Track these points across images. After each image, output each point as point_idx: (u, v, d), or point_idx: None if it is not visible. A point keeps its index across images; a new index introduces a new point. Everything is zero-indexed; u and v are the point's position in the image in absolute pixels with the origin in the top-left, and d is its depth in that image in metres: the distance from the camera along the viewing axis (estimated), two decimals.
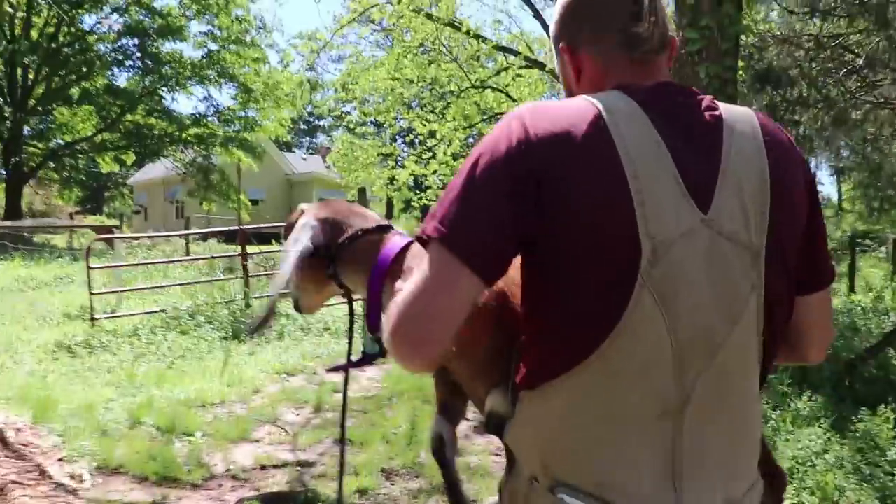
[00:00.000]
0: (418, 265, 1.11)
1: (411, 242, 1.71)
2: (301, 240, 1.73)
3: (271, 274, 10.61)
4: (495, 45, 22.31)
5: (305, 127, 58.19)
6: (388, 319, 1.09)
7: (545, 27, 23.42)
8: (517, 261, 1.15)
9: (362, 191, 10.03)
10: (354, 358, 2.18)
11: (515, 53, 23.28)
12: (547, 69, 22.98)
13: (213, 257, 11.68)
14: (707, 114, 1.16)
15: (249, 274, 9.98)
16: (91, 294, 9.04)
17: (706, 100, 1.18)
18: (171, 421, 5.41)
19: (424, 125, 23.92)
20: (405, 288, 1.10)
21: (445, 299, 1.07)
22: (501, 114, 25.00)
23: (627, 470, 1.09)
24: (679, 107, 1.16)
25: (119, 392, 6.27)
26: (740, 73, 7.67)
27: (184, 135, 24.64)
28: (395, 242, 1.70)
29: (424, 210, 44.12)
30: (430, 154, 24.66)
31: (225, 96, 72.59)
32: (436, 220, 1.10)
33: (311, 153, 47.99)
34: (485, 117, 24.95)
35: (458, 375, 1.54)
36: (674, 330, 1.06)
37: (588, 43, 1.25)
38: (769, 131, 1.19)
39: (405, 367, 1.16)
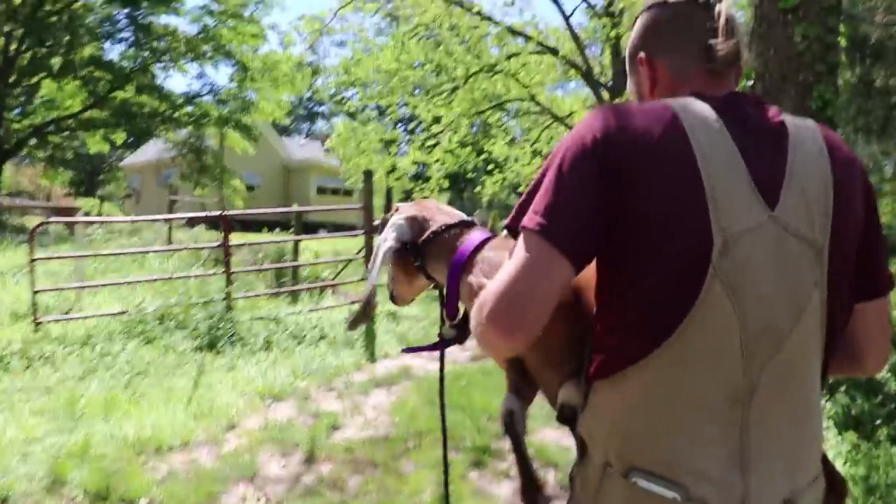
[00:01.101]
0: (512, 254, 1.17)
1: (489, 238, 1.66)
2: (388, 237, 1.82)
3: (263, 270, 9.01)
4: (507, 27, 20.82)
5: (304, 112, 56.35)
6: (482, 305, 1.16)
7: (561, 11, 22.02)
8: None
9: (368, 174, 8.28)
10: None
11: (527, 38, 21.83)
12: (560, 55, 21.72)
13: (188, 248, 9.86)
14: (774, 121, 1.22)
15: (232, 270, 8.37)
16: (34, 291, 7.39)
17: (773, 109, 1.25)
18: (107, 479, 3.85)
19: (429, 111, 22.45)
20: (501, 274, 1.16)
21: (544, 283, 1.12)
22: (510, 101, 23.64)
23: (698, 455, 1.12)
24: (749, 113, 1.22)
25: (51, 426, 4.72)
26: (841, 37, 6.05)
27: (176, 114, 22.90)
28: (473, 237, 1.69)
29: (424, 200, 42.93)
30: (435, 142, 23.24)
31: (221, 75, 69.94)
32: (533, 213, 1.15)
33: (310, 139, 46.22)
34: (493, 104, 23.50)
35: (532, 365, 1.47)
36: (742, 319, 1.10)
37: (667, 54, 1.33)
38: (831, 141, 1.25)
39: (496, 349, 1.26)
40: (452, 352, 6.67)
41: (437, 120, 22.68)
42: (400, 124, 28.00)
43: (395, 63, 21.72)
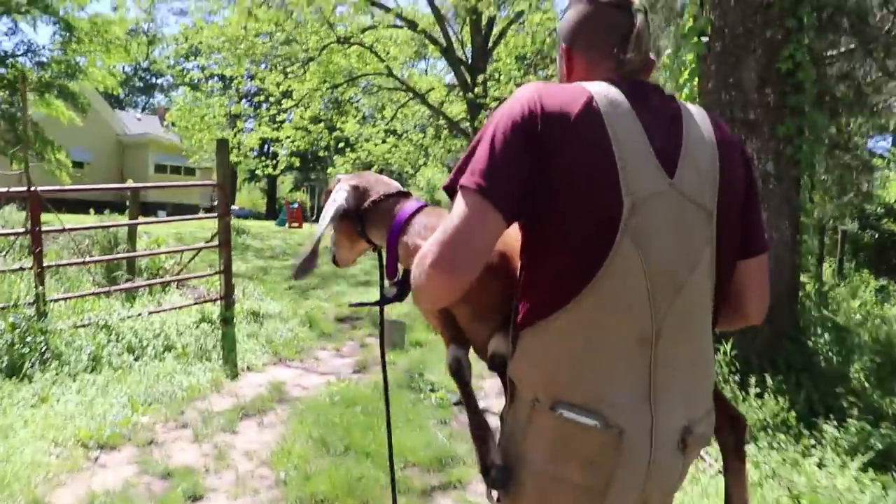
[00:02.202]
0: (451, 211, 1.30)
1: (423, 206, 1.86)
2: (337, 200, 1.97)
3: (88, 262, 7.07)
4: None
5: (141, 85, 51.82)
6: (424, 255, 1.29)
7: None
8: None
9: (223, 144, 6.49)
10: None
11: (386, 9, 20.40)
12: (419, 29, 20.41)
13: None
14: (670, 105, 1.40)
15: (46, 263, 6.24)
16: None
17: (669, 95, 1.42)
18: None
19: (278, 85, 20.52)
20: (442, 228, 1.29)
21: (481, 232, 1.26)
22: (365, 76, 22.06)
23: (615, 389, 1.26)
24: (650, 97, 1.38)
25: None
26: None
27: None
28: (409, 205, 1.87)
29: (270, 180, 40.40)
30: (284, 117, 21.33)
31: (41, 36, 62.65)
32: (470, 175, 1.29)
33: (147, 113, 42.51)
34: (347, 79, 21.86)
35: (463, 320, 1.61)
36: (647, 269, 1.26)
37: (584, 52, 1.47)
38: (717, 123, 1.44)
39: (436, 295, 1.33)
40: (333, 364, 5.57)
41: (287, 94, 20.88)
42: (245, 101, 25.79)
43: (241, 31, 19.65)
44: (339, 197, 1.96)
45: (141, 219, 8.18)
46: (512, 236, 1.40)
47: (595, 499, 1.28)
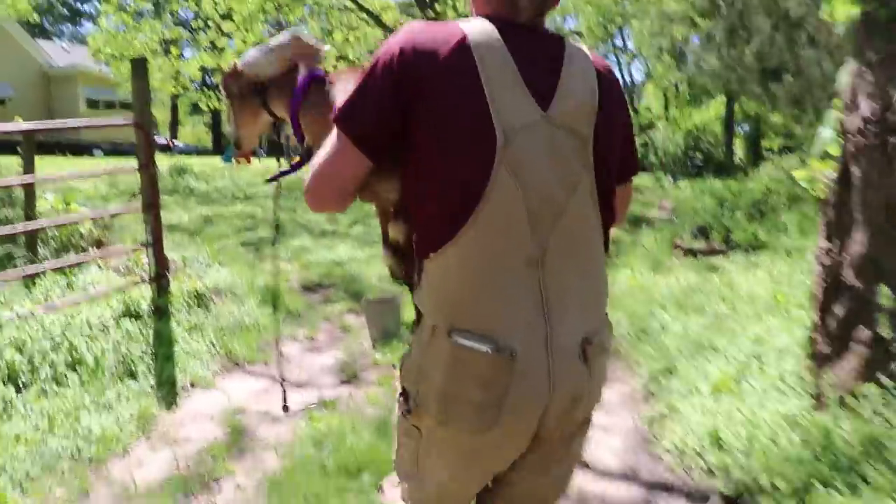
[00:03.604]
0: (329, 138, 1.41)
1: (317, 76, 2.01)
2: (281, 40, 2.05)
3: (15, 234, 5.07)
4: None
5: (67, 13, 47.54)
6: (308, 178, 1.44)
7: None
8: None
9: (139, 65, 4.33)
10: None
11: None
12: None
13: None
14: (552, 44, 1.43)
15: None
16: None
17: (553, 35, 1.45)
18: None
19: (216, 5, 17.99)
20: (317, 156, 1.43)
21: (342, 171, 1.40)
22: None
23: (507, 311, 1.33)
24: (531, 38, 1.41)
25: None
26: None
27: None
28: (302, 76, 1.97)
29: (215, 113, 37.48)
30: (225, 41, 18.84)
31: None
32: (339, 108, 1.39)
33: (76, 44, 38.82)
34: None
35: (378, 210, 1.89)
36: (526, 196, 1.32)
37: None
38: (597, 62, 1.48)
39: (317, 211, 1.53)
40: (310, 367, 4.56)
41: (227, 17, 18.36)
42: (184, 26, 23.10)
43: None
44: (283, 38, 2.08)
45: (40, 175, 6.01)
46: None
47: (493, 412, 1.35)
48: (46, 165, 18.64)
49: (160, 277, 5.15)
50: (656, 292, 6.61)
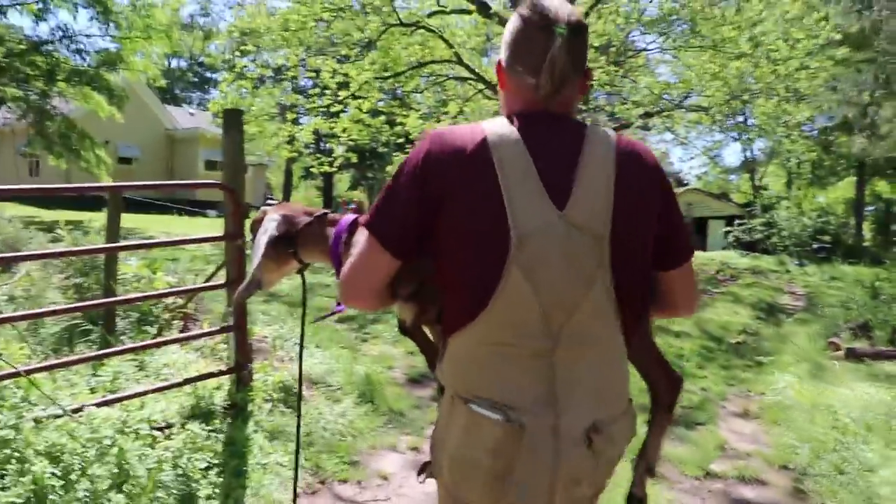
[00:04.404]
0: (358, 242, 1.54)
1: (355, 220, 2.00)
2: (269, 229, 2.11)
3: (21, 318, 4.30)
4: None
5: (195, 79, 49.72)
6: (340, 279, 1.58)
7: None
8: None
9: (233, 116, 3.47)
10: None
11: None
12: (493, 12, 17.60)
13: None
14: (572, 136, 1.47)
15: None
16: None
17: (575, 125, 1.50)
18: None
19: (333, 74, 17.77)
20: (349, 259, 1.55)
21: (368, 269, 1.51)
22: (429, 63, 19.23)
23: (517, 395, 1.42)
24: (551, 131, 1.47)
25: None
26: None
27: (15, 63, 17.25)
28: (345, 219, 2.06)
29: (327, 177, 37.83)
30: (340, 108, 18.56)
31: (79, 20, 59.48)
32: (369, 214, 1.52)
33: (202, 109, 40.23)
34: (411, 66, 19.04)
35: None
36: (538, 294, 1.39)
37: (511, 69, 1.55)
38: (623, 147, 1.49)
39: (355, 308, 1.78)
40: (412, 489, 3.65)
41: (343, 84, 18.12)
42: (302, 94, 23.25)
43: (295, 15, 17.01)
44: (270, 227, 2.13)
45: (123, 242, 5.30)
46: None
47: (501, 481, 1.43)
48: (154, 223, 18.70)
49: (241, 369, 4.24)
50: (835, 411, 5.27)
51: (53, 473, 3.09)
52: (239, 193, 4.12)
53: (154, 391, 3.95)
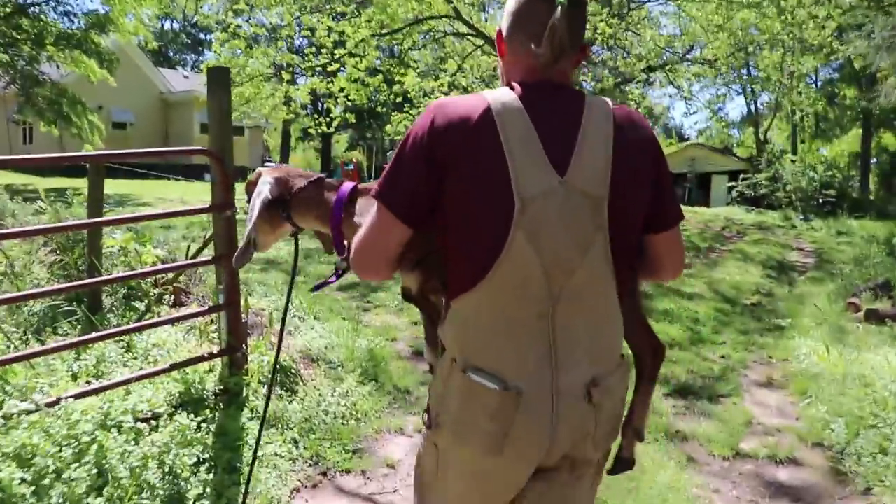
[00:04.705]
0: (369, 213, 1.55)
1: (355, 187, 2.06)
2: (262, 192, 2.11)
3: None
4: None
5: (189, 41, 48.69)
6: (352, 251, 1.59)
7: None
8: None
9: (218, 72, 3.02)
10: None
11: None
12: None
13: None
14: (572, 104, 1.51)
15: None
16: None
17: (575, 93, 1.53)
18: None
19: (329, 32, 17.20)
20: (360, 229, 1.57)
21: (382, 239, 1.53)
22: (427, 19, 18.64)
23: (517, 356, 1.46)
24: (552, 100, 1.51)
25: None
26: None
27: (1, 27, 16.61)
28: (344, 187, 2.05)
29: (325, 138, 37.21)
30: (337, 67, 18.01)
31: None
32: (378, 185, 1.53)
33: (196, 71, 39.39)
34: (409, 23, 18.45)
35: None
36: (540, 256, 1.42)
37: (513, 37, 1.58)
38: (620, 115, 1.53)
39: (365, 280, 1.85)
40: None
41: (340, 43, 17.54)
42: (296, 56, 22.67)
43: None
44: (264, 189, 2.11)
45: (107, 218, 4.92)
46: None
47: (498, 440, 1.46)
48: (149, 189, 18.28)
49: (233, 351, 3.90)
50: (868, 381, 4.94)
51: (23, 479, 2.77)
52: (226, 160, 3.74)
53: (139, 378, 3.61)
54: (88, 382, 3.92)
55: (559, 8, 1.48)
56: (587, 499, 1.65)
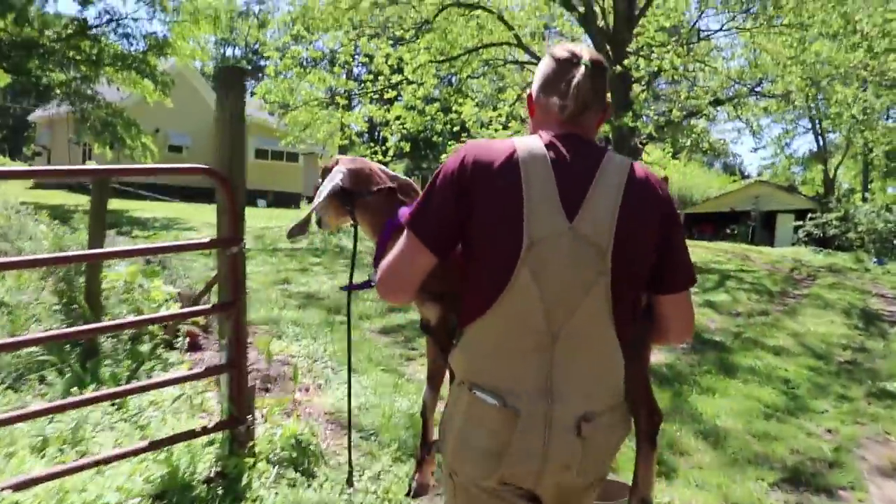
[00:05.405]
0: (400, 239, 1.66)
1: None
2: (334, 178, 2.19)
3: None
4: None
5: (250, 68, 49.03)
6: (379, 271, 1.70)
7: None
8: None
9: (230, 72, 2.19)
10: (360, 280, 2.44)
11: None
12: None
13: None
14: (592, 157, 1.61)
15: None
16: None
17: (597, 148, 1.65)
18: None
19: (387, 58, 16.61)
20: (389, 254, 1.67)
21: (408, 264, 1.63)
22: (486, 46, 17.95)
23: (516, 384, 1.56)
24: (573, 150, 1.61)
25: None
26: None
27: (59, 46, 16.41)
28: (404, 211, 1.99)
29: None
30: (394, 94, 17.42)
31: (127, 4, 57.12)
32: (410, 213, 1.65)
33: (253, 95, 39.36)
34: (468, 49, 17.78)
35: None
36: (542, 294, 1.53)
37: (541, 97, 1.71)
38: (635, 175, 1.62)
39: (387, 301, 1.81)
40: None
41: (397, 70, 16.96)
42: (353, 82, 22.25)
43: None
44: (336, 177, 2.20)
45: (107, 248, 4.13)
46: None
47: (494, 460, 1.56)
48: (200, 213, 17.78)
49: (235, 423, 3.05)
50: None
51: None
52: (235, 182, 2.93)
53: (105, 462, 2.78)
54: (61, 451, 3.14)
55: (584, 68, 1.64)
56: None
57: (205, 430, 3.00)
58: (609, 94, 15.76)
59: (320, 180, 2.27)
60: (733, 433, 4.72)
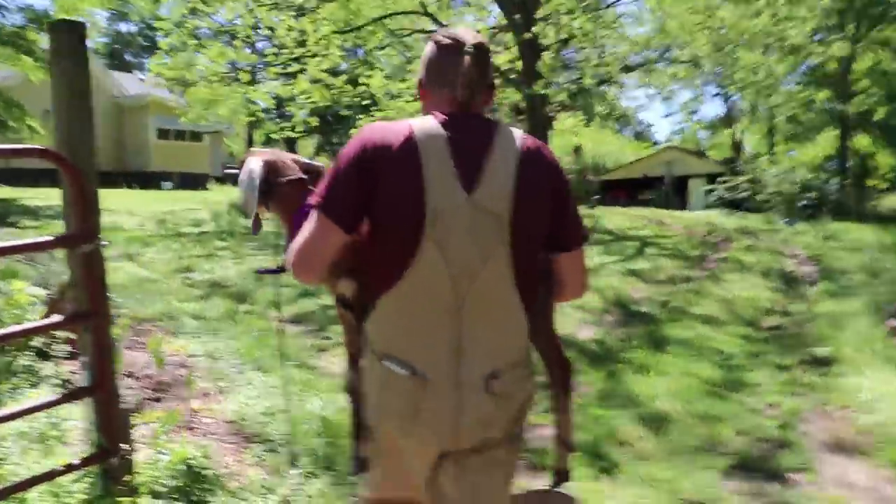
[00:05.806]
0: (308, 221, 1.69)
1: None
2: (255, 170, 2.27)
3: None
4: None
5: (147, 44, 46.47)
6: (289, 254, 1.72)
7: None
8: None
9: (60, 26, 1.61)
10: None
11: None
12: None
13: None
14: (484, 132, 1.70)
15: None
16: None
17: (488, 122, 1.74)
18: None
19: (290, 30, 15.80)
20: (299, 235, 1.69)
21: (320, 243, 1.67)
22: (392, 14, 17.35)
23: (426, 348, 1.64)
24: (466, 127, 1.69)
25: None
26: None
27: None
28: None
29: (289, 143, 35.76)
30: (298, 67, 16.62)
31: None
32: (317, 195, 1.69)
33: (154, 75, 37.41)
34: (374, 19, 17.13)
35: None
36: (447, 263, 1.61)
37: (431, 85, 1.78)
38: (527, 145, 1.72)
39: (300, 282, 1.81)
40: None
41: (300, 43, 16.14)
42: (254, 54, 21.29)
43: None
44: (255, 167, 2.26)
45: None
46: None
47: (409, 421, 1.65)
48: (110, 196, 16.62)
49: (105, 456, 2.51)
50: None
51: None
52: (81, 163, 2.35)
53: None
54: None
55: (468, 57, 1.70)
56: (501, 487, 1.76)
57: (69, 468, 2.44)
58: (520, 63, 15.22)
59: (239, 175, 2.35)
60: (675, 416, 4.42)
